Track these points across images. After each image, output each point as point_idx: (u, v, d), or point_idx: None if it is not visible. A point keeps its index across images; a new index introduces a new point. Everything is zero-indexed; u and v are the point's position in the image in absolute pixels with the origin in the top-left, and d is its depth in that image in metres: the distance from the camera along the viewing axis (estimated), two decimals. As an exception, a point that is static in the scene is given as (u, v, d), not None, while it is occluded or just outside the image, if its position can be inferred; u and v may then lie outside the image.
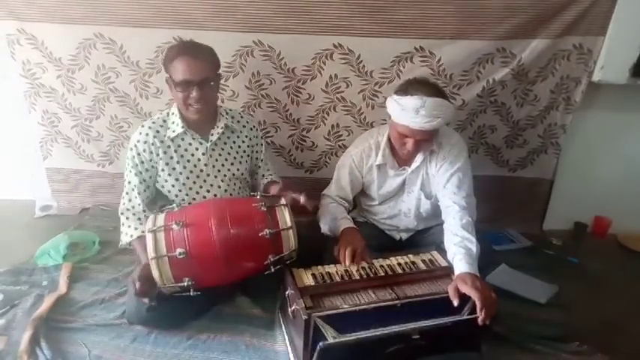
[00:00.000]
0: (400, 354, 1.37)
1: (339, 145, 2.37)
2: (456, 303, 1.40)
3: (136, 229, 1.69)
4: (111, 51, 2.16)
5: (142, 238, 1.61)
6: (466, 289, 1.39)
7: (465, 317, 1.38)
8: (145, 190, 1.75)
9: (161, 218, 1.50)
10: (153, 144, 1.71)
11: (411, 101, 1.56)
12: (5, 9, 2.10)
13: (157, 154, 1.72)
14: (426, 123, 1.55)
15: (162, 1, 2.04)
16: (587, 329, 1.74)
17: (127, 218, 1.72)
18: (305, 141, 2.38)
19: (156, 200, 1.87)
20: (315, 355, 1.27)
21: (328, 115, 2.30)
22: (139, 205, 1.73)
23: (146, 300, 1.51)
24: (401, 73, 2.15)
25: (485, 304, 1.35)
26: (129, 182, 1.74)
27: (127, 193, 1.75)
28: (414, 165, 1.79)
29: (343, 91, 2.23)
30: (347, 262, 1.57)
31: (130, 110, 2.31)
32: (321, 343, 1.25)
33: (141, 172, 1.73)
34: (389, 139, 1.78)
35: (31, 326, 1.58)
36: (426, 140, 1.65)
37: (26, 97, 2.31)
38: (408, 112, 1.56)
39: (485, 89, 2.20)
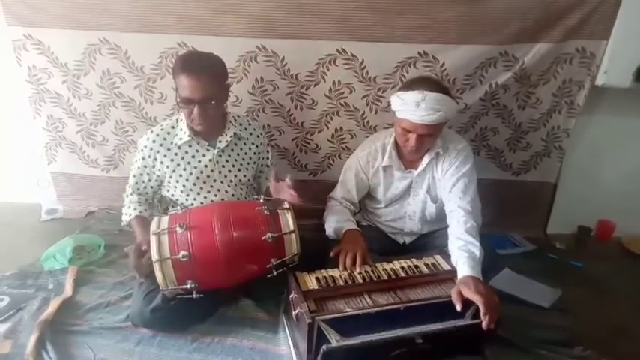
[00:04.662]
0: (404, 358, 1.37)
1: (342, 148, 2.38)
2: (459, 307, 1.40)
3: (135, 209, 1.76)
4: (116, 56, 2.18)
5: (138, 218, 1.74)
6: (469, 294, 1.39)
7: (468, 322, 1.38)
8: (144, 189, 1.83)
9: (165, 221, 1.52)
10: (158, 152, 1.74)
11: (412, 95, 1.59)
12: (12, 15, 2.13)
13: (162, 162, 1.75)
14: (426, 116, 1.57)
15: (166, 7, 2.06)
16: (591, 333, 1.74)
17: (130, 200, 1.80)
18: (309, 143, 2.39)
19: (160, 202, 1.90)
20: (319, 358, 1.27)
21: (332, 119, 2.31)
22: (137, 199, 1.80)
23: (140, 274, 1.57)
24: (404, 79, 2.14)
25: (488, 308, 1.35)
26: (133, 176, 1.82)
27: (129, 187, 1.83)
28: (420, 168, 1.80)
29: (347, 97, 2.24)
30: (348, 268, 1.58)
31: (135, 115, 2.33)
32: (324, 346, 1.25)
33: (142, 175, 1.80)
34: (395, 142, 1.80)
35: (37, 329, 1.59)
36: (429, 136, 1.66)
37: (31, 102, 2.33)
38: (409, 105, 1.59)
39: (488, 93, 2.21)
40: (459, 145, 1.78)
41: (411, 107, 1.58)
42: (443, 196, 1.79)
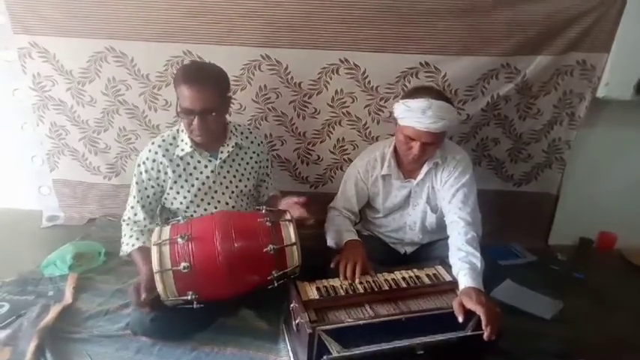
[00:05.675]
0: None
1: (344, 159, 2.38)
2: (461, 319, 1.39)
3: (137, 239, 1.71)
4: (121, 64, 2.19)
5: (141, 249, 1.65)
6: (471, 305, 1.38)
7: (470, 333, 1.38)
8: (149, 204, 1.78)
9: (166, 231, 1.51)
10: (161, 163, 1.72)
11: (418, 103, 1.61)
12: (18, 23, 2.14)
13: (165, 173, 1.73)
14: (432, 124, 1.58)
15: (172, 16, 2.08)
16: (592, 345, 1.74)
17: (131, 229, 1.74)
18: (310, 154, 2.40)
19: (161, 213, 1.89)
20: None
21: (334, 129, 2.32)
22: (144, 219, 1.75)
23: (147, 310, 1.52)
24: (406, 89, 2.15)
25: (490, 319, 1.34)
26: (134, 197, 1.76)
27: (132, 207, 1.77)
28: (419, 177, 1.80)
29: (349, 106, 2.25)
30: (348, 278, 1.58)
31: (138, 123, 2.34)
32: (325, 357, 1.25)
33: (146, 189, 1.76)
34: (394, 151, 1.81)
35: (36, 336, 1.58)
36: (432, 144, 1.67)
37: (34, 109, 2.34)
38: (414, 112, 1.60)
39: (490, 104, 2.22)
40: (458, 155, 1.79)
41: (417, 114, 1.59)
42: (443, 206, 1.78)
